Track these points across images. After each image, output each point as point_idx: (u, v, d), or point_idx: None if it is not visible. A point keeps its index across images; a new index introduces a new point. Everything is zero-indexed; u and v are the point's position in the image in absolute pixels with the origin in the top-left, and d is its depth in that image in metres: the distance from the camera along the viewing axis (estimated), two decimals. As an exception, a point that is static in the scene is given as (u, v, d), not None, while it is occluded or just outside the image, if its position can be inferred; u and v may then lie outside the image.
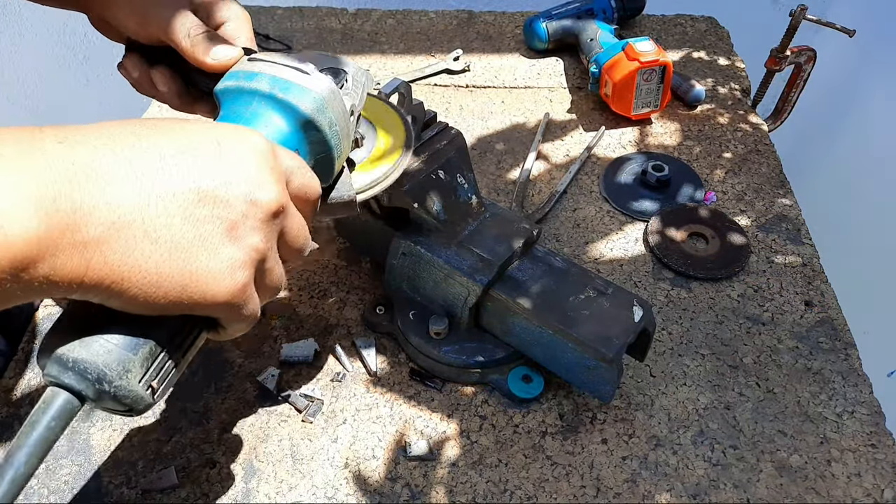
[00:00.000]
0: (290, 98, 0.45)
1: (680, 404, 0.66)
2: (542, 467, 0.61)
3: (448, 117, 0.98)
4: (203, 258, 0.37)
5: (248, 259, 0.39)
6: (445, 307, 0.66)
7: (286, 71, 0.46)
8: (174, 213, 0.36)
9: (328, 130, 0.47)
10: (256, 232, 0.40)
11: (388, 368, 0.69)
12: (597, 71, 0.95)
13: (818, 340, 0.71)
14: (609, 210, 0.85)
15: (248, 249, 0.39)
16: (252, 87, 0.46)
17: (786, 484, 0.60)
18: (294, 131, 0.46)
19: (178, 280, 0.36)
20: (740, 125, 0.97)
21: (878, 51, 1.31)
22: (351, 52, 1.10)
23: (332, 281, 0.77)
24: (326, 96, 0.47)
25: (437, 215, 0.64)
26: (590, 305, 0.61)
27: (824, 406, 0.66)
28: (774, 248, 0.80)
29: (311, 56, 0.51)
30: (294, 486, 0.60)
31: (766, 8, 1.47)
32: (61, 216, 0.32)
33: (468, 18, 1.17)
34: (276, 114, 0.46)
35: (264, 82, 0.46)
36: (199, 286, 0.37)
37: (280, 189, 0.41)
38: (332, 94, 0.47)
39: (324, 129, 0.47)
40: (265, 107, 0.46)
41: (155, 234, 0.35)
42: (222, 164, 0.38)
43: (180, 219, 0.36)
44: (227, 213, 0.38)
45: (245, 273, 0.39)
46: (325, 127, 0.47)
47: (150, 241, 0.35)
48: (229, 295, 0.39)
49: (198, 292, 0.38)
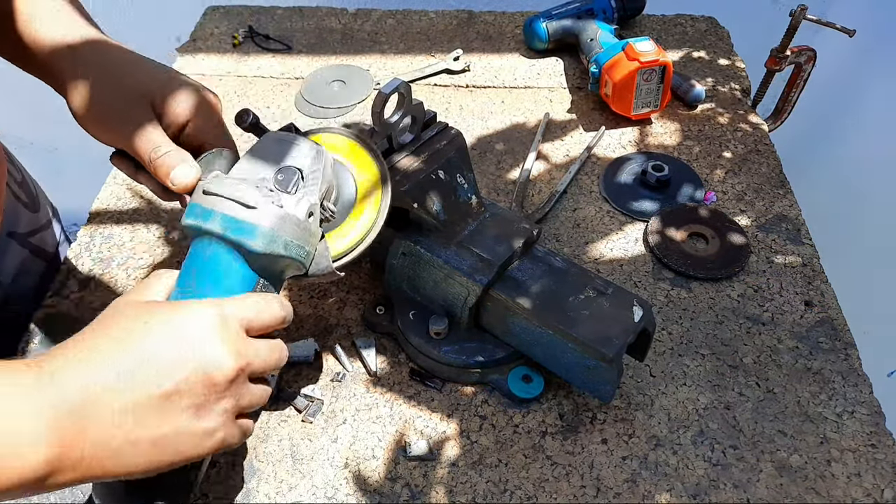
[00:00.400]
0: (242, 239, 0.49)
1: (680, 404, 0.66)
2: (542, 467, 0.61)
3: (448, 117, 0.98)
4: (181, 441, 0.43)
5: (220, 422, 0.45)
6: (445, 307, 0.66)
7: (235, 208, 0.49)
8: (149, 417, 0.42)
9: (285, 251, 0.50)
10: (222, 400, 0.45)
11: (388, 368, 0.69)
12: (597, 71, 0.95)
13: (818, 340, 0.71)
14: (609, 210, 0.85)
15: (217, 416, 0.45)
16: (207, 227, 0.50)
17: (786, 484, 0.60)
18: (250, 268, 0.51)
19: (167, 461, 0.44)
20: (740, 125, 0.97)
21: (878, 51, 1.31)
22: (351, 52, 1.10)
23: (332, 281, 0.76)
24: (275, 225, 0.50)
25: (436, 215, 0.64)
26: (590, 305, 0.61)
27: (824, 406, 0.66)
28: (774, 248, 0.80)
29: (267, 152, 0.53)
30: (294, 486, 0.60)
31: (766, 8, 1.47)
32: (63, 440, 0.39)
33: (468, 18, 1.17)
34: (231, 257, 0.50)
35: (216, 223, 0.49)
36: (184, 458, 0.44)
37: (233, 354, 0.45)
38: (280, 220, 0.50)
39: (280, 252, 0.50)
40: (221, 248, 0.50)
41: (137, 439, 0.41)
42: (178, 360, 0.43)
43: (155, 420, 0.42)
44: (192, 399, 0.43)
45: (221, 432, 0.45)
46: (280, 250, 0.50)
47: (132, 446, 0.41)
48: (211, 450, 0.45)
49: (185, 459, 0.44)
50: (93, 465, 0.40)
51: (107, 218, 0.84)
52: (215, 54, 1.09)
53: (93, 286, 0.76)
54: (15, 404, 0.38)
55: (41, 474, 0.38)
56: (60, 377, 0.40)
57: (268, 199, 0.50)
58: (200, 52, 1.10)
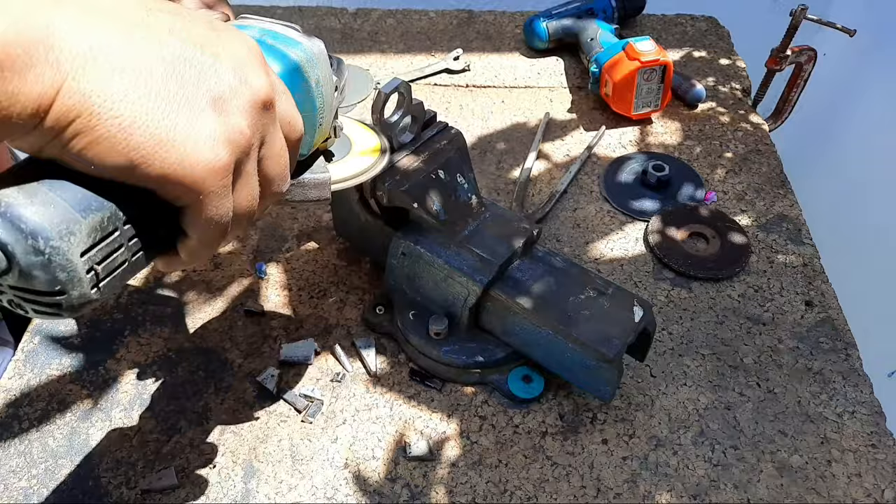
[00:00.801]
0: (281, 46, 0.44)
1: (680, 404, 0.66)
2: (543, 468, 0.61)
3: (448, 117, 0.98)
4: (183, 119, 0.32)
5: (232, 138, 0.35)
6: (445, 307, 0.66)
7: (278, 26, 0.45)
8: (157, 61, 0.32)
9: (314, 87, 0.45)
10: (243, 115, 0.35)
11: (387, 369, 0.69)
12: (597, 70, 0.95)
13: (818, 340, 0.71)
14: (609, 210, 0.85)
15: (233, 129, 0.35)
16: None
17: (786, 484, 0.60)
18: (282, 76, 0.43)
19: (153, 133, 0.31)
20: (741, 125, 0.97)
21: (878, 51, 1.31)
22: (351, 51, 1.09)
23: (332, 281, 0.76)
24: (317, 53, 0.45)
25: (436, 215, 0.64)
26: (590, 305, 0.61)
27: (825, 406, 0.66)
28: (775, 248, 0.80)
29: None
30: (294, 486, 0.60)
31: (766, 8, 1.47)
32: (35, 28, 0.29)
33: (468, 18, 1.16)
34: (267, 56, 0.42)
35: (255, 31, 0.44)
36: (174, 147, 0.32)
37: (271, 81, 0.37)
38: (321, 53, 0.46)
39: (311, 83, 0.45)
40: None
41: (135, 74, 0.31)
42: (215, 37, 0.35)
43: (163, 70, 0.32)
44: (216, 83, 0.34)
45: (226, 151, 0.34)
46: (311, 82, 0.45)
47: (129, 80, 0.31)
48: (207, 169, 0.34)
49: (173, 154, 0.32)
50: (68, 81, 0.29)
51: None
52: (215, 54, 1.09)
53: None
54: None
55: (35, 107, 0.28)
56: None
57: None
58: (200, 51, 1.10)
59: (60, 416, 0.65)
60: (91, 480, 0.61)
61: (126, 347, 0.70)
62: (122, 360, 0.69)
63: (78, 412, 0.65)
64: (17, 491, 0.60)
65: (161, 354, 0.70)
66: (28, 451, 0.62)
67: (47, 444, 0.63)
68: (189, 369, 0.68)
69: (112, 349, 0.70)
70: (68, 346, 0.70)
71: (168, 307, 0.74)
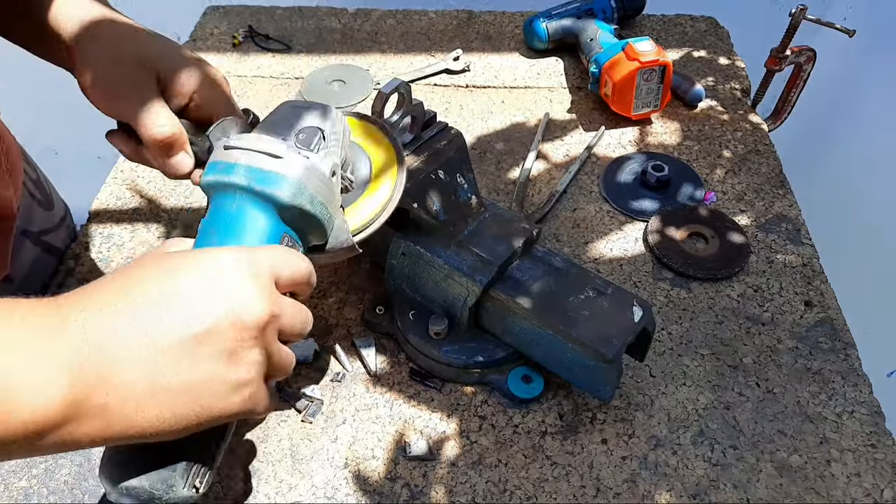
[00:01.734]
0: (267, 189, 0.47)
1: (680, 404, 0.66)
2: (542, 467, 0.61)
3: (448, 117, 0.98)
4: (211, 390, 0.41)
5: (251, 375, 0.43)
6: (445, 307, 0.66)
7: (260, 159, 0.48)
8: (178, 361, 0.39)
9: (310, 206, 0.49)
10: (253, 349, 0.42)
11: (387, 368, 0.69)
12: (597, 71, 0.95)
13: (818, 340, 0.71)
14: (609, 210, 0.85)
15: (249, 366, 0.42)
16: (231, 181, 0.48)
17: (785, 484, 0.60)
18: (278, 220, 0.49)
19: (194, 415, 0.40)
20: (740, 125, 0.97)
21: (878, 51, 1.31)
22: (351, 51, 1.10)
23: (332, 281, 0.77)
24: (302, 177, 0.48)
25: (436, 215, 0.64)
26: (589, 305, 0.61)
27: (824, 406, 0.66)
28: (774, 248, 0.80)
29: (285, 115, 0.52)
30: (294, 486, 0.60)
31: (765, 8, 1.47)
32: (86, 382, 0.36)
33: (468, 18, 1.17)
34: (257, 209, 0.48)
35: (241, 175, 0.48)
36: (212, 413, 0.41)
37: (265, 298, 0.43)
38: (307, 171, 0.49)
39: (306, 207, 0.49)
40: (246, 201, 0.48)
41: (164, 385, 0.39)
42: (209, 302, 0.41)
43: (185, 365, 0.39)
44: (223, 345, 0.40)
45: (250, 388, 0.43)
46: (307, 205, 0.49)
47: (159, 392, 0.39)
48: (239, 409, 0.43)
49: (212, 417, 0.41)
50: (115, 413, 0.37)
51: (106, 218, 0.84)
52: (215, 54, 1.09)
53: (93, 286, 0.76)
54: (32, 340, 0.35)
55: (57, 418, 0.35)
56: (83, 317, 0.37)
57: (293, 151, 0.49)
58: (200, 51, 1.10)
59: (61, 415, 0.65)
60: (91, 480, 0.61)
61: (126, 347, 0.70)
62: (122, 359, 0.69)
63: None
64: (17, 491, 0.60)
65: (161, 354, 0.70)
66: (28, 451, 0.62)
67: (48, 443, 0.63)
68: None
69: (112, 349, 0.70)
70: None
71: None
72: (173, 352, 0.39)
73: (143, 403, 0.38)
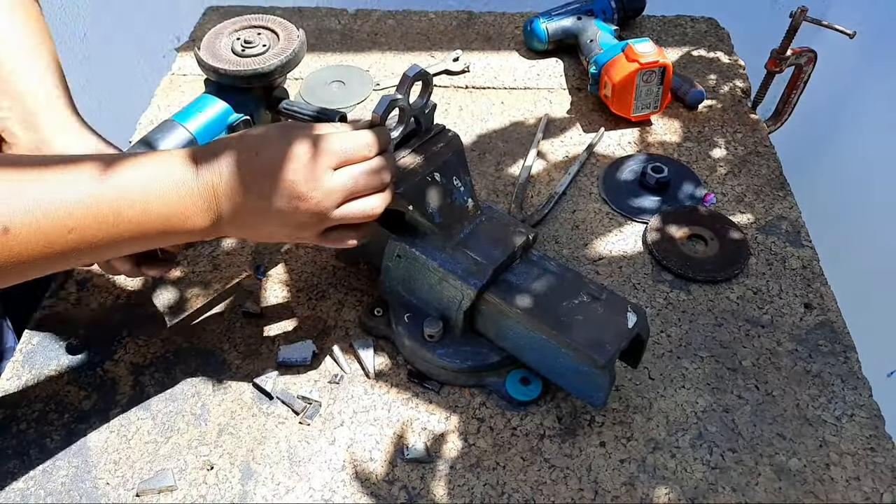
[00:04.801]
0: None
1: (678, 407, 0.66)
2: (540, 470, 0.61)
3: (447, 118, 0.98)
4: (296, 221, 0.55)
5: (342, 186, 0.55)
6: (440, 310, 0.66)
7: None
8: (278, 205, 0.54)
9: None
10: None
11: (385, 370, 0.69)
12: (596, 72, 0.95)
13: (817, 343, 0.71)
14: (608, 211, 0.85)
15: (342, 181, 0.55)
16: None
17: (784, 487, 0.60)
18: None
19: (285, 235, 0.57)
20: (740, 126, 0.97)
21: (878, 51, 1.31)
22: (351, 52, 1.09)
23: (331, 282, 0.76)
24: None
25: (432, 218, 0.64)
26: (584, 310, 0.61)
27: (823, 409, 0.65)
28: (774, 250, 0.80)
29: None
30: (291, 488, 0.60)
31: (766, 9, 1.46)
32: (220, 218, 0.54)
33: (468, 19, 1.16)
34: None
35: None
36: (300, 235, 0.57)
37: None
38: None
39: None
40: None
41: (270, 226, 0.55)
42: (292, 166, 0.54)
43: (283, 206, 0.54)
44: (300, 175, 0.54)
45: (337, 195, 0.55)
46: None
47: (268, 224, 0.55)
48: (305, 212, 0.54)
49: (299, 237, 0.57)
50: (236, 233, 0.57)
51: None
52: (215, 55, 1.09)
53: (90, 287, 0.76)
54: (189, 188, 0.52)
55: (208, 228, 0.54)
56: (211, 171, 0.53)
57: None
58: (200, 52, 1.10)
59: (58, 417, 0.65)
60: (88, 482, 0.61)
61: (124, 349, 0.70)
62: (120, 361, 0.69)
63: (76, 413, 0.65)
64: (14, 492, 0.60)
65: (159, 356, 0.70)
66: (25, 452, 0.62)
67: (45, 445, 0.63)
68: (187, 371, 0.68)
69: (110, 350, 0.70)
70: (67, 348, 0.70)
71: (166, 308, 0.74)
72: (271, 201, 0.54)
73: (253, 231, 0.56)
